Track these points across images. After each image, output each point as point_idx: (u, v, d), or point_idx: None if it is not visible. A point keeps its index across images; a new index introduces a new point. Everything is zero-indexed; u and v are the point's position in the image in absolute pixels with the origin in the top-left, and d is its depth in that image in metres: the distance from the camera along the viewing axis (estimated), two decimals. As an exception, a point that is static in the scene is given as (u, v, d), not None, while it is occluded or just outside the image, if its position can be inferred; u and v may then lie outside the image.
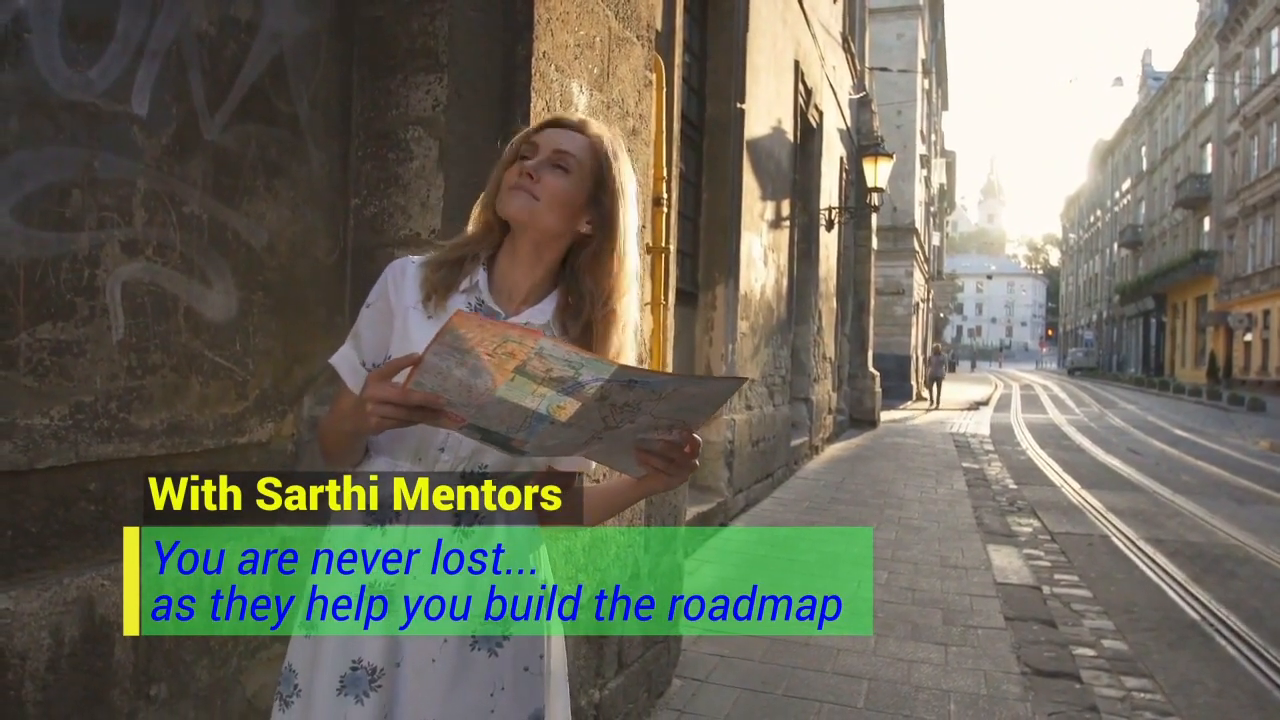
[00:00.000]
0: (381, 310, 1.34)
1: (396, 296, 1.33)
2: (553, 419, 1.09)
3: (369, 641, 1.27)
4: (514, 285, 1.37)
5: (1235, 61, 36.45)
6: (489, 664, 1.31)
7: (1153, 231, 49.96)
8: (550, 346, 1.05)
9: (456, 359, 1.06)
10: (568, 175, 1.32)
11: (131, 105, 1.70)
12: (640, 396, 1.09)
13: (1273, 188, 32.27)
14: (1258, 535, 7.66)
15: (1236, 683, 4.24)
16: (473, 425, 1.14)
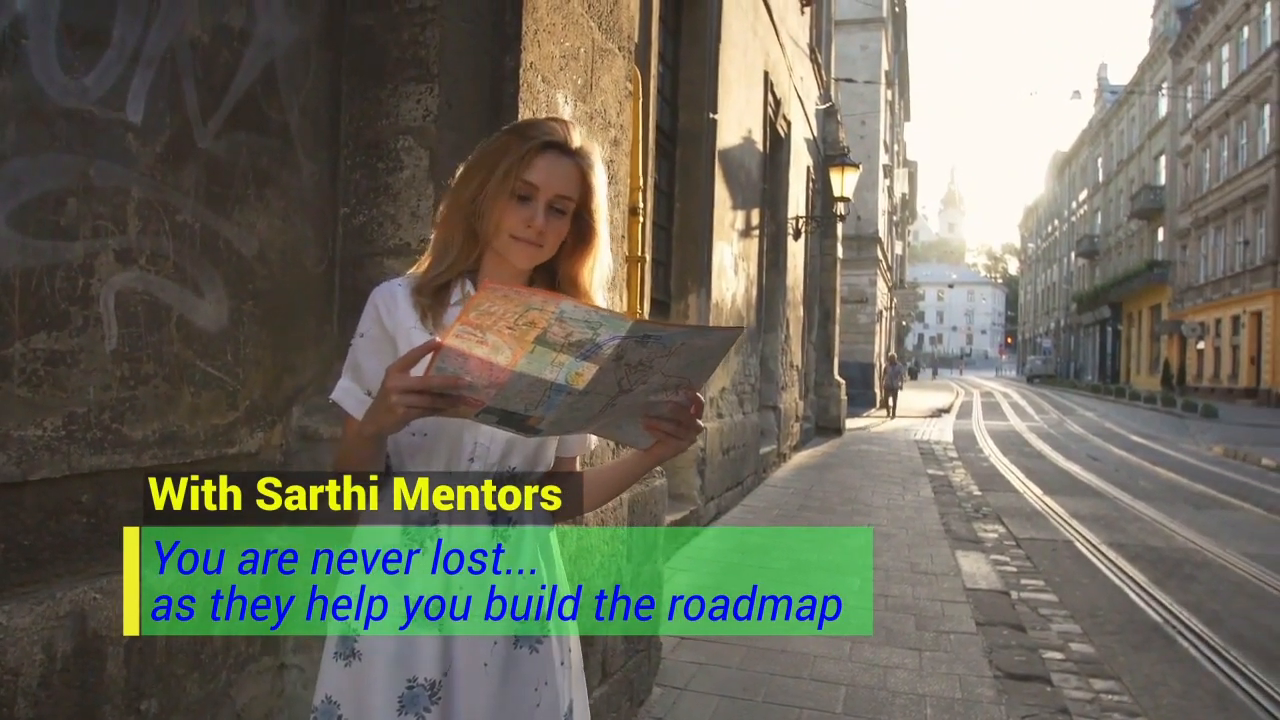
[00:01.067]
0: (377, 338, 1.34)
1: (392, 320, 1.34)
2: (570, 388, 1.09)
3: (422, 656, 1.29)
4: None
5: (1188, 76, 37.44)
6: (532, 661, 1.36)
7: (1109, 241, 51.08)
8: (571, 308, 1.06)
9: (478, 337, 1.07)
10: (564, 215, 1.35)
11: (126, 112, 1.69)
12: (653, 354, 1.10)
13: (1224, 199, 33.17)
14: (1215, 539, 7.85)
15: (1200, 683, 4.35)
16: (490, 409, 1.13)
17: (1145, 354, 43.39)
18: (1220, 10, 33.92)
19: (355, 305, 2.24)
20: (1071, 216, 63.34)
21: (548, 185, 1.32)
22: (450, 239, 1.37)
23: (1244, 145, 31.85)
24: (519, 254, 1.35)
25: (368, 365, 1.34)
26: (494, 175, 1.32)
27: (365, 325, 1.36)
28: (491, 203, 1.32)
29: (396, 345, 1.32)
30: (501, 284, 1.12)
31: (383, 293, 1.37)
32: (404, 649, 1.28)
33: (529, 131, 1.34)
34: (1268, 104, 29.59)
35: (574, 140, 1.35)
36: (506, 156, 1.31)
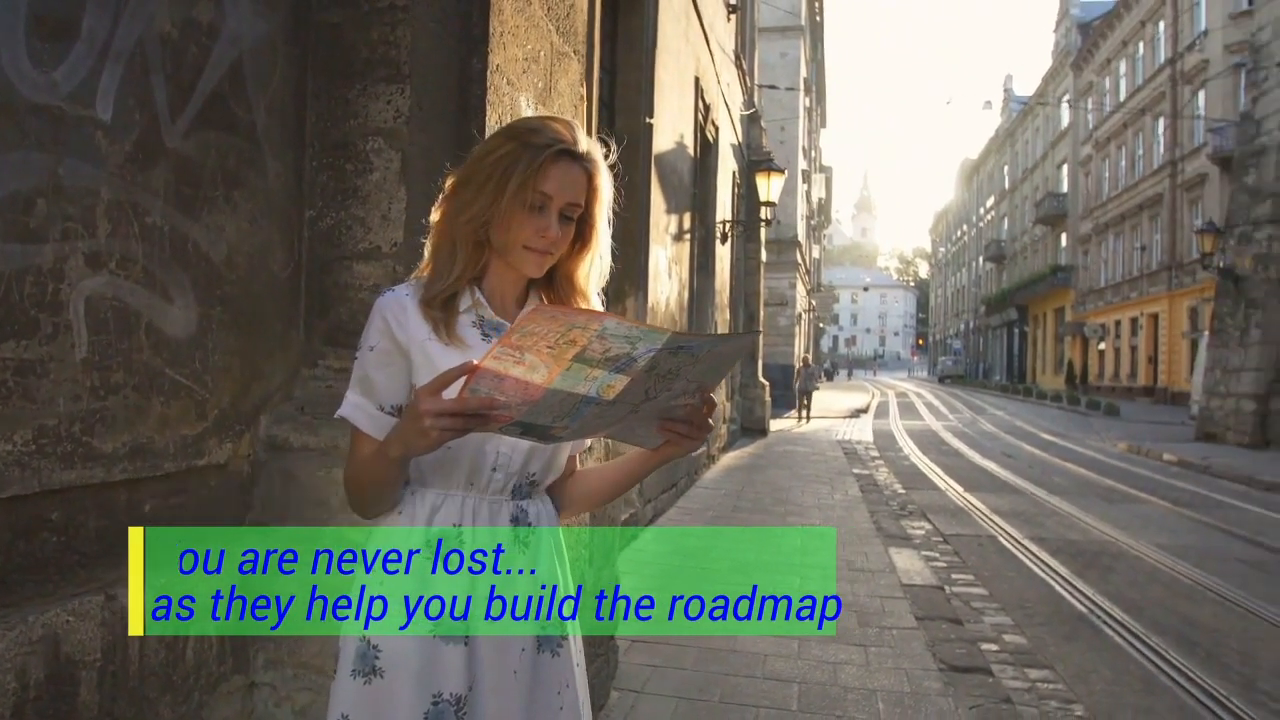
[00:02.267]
0: (388, 350, 1.30)
1: (404, 333, 1.30)
2: (600, 399, 1.09)
3: (447, 670, 1.26)
4: (504, 295, 1.39)
5: (1088, 89, 39.24)
6: (554, 665, 1.36)
7: (1015, 246, 53.12)
8: (613, 326, 1.06)
9: (515, 358, 1.06)
10: (572, 221, 1.35)
11: (96, 109, 1.61)
12: (682, 362, 1.10)
13: (1122, 207, 34.85)
14: (1127, 531, 8.24)
15: (1127, 669, 4.56)
16: (515, 422, 1.12)
17: (1050, 354, 45.27)
18: (1118, 27, 35.66)
19: (322, 310, 2.19)
20: (980, 222, 65.67)
21: (560, 194, 1.31)
22: (454, 249, 1.34)
23: (1140, 156, 33.54)
24: (531, 264, 1.34)
25: (379, 379, 1.30)
26: (508, 187, 1.28)
27: (374, 338, 1.30)
28: (507, 216, 1.30)
29: (410, 357, 1.29)
30: (546, 308, 1.11)
31: (390, 304, 1.31)
32: (428, 664, 1.26)
33: (535, 138, 1.31)
34: (1162, 117, 31.23)
35: (581, 144, 1.34)
36: (518, 166, 1.28)
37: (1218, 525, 8.83)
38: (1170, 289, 30.05)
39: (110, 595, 1.61)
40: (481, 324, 1.35)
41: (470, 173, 1.33)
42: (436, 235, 1.37)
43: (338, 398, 2.15)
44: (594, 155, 1.35)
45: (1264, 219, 15.70)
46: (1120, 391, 33.48)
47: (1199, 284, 26.65)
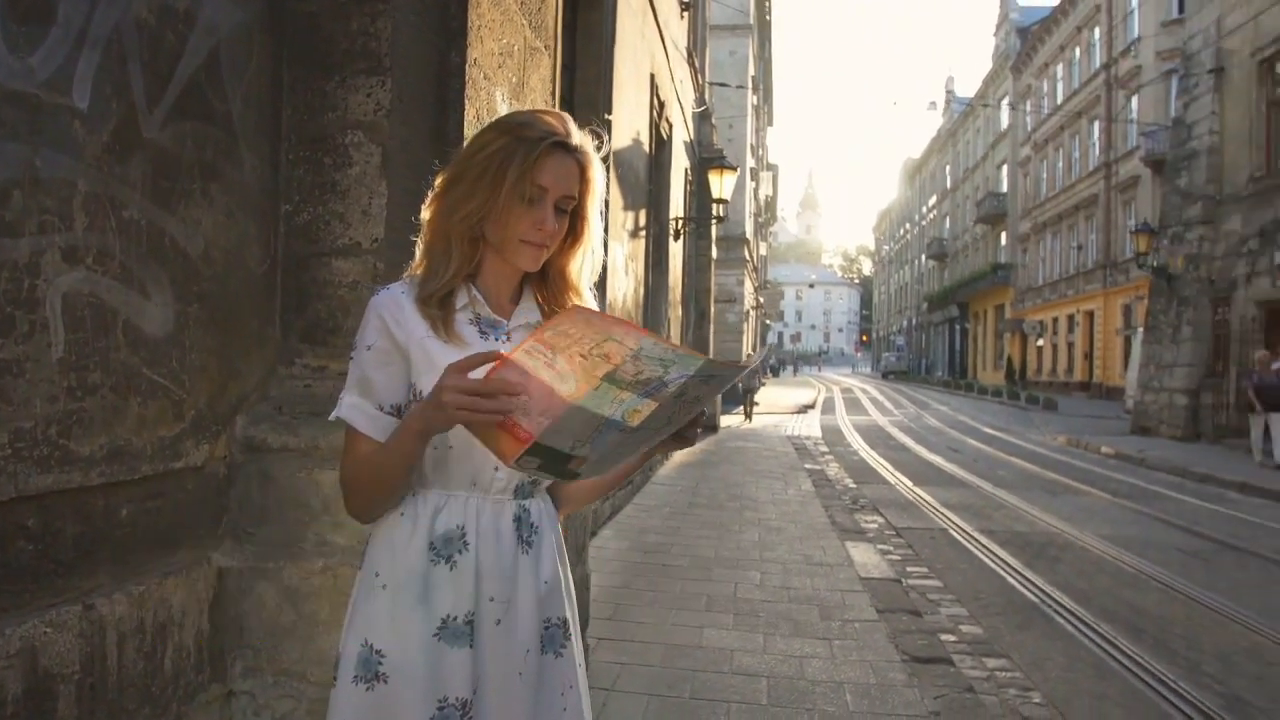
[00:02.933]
0: (386, 350, 1.28)
1: (402, 331, 1.28)
2: (625, 425, 1.07)
3: (453, 674, 1.24)
4: (500, 291, 1.38)
5: (1027, 92, 40.21)
6: (557, 665, 1.35)
7: (956, 245, 54.23)
8: (650, 345, 1.04)
9: (547, 359, 1.03)
10: (566, 214, 1.34)
11: (73, 97, 1.54)
12: (711, 389, 1.10)
13: (1059, 207, 35.81)
14: (1071, 523, 8.48)
15: (1080, 656, 4.68)
16: (533, 451, 1.09)
17: (990, 350, 46.33)
18: (1055, 32, 36.59)
19: (299, 307, 2.14)
20: (922, 220, 66.89)
21: (556, 186, 1.30)
22: (449, 246, 1.32)
23: (1077, 158, 34.48)
24: (528, 257, 1.33)
25: (378, 379, 1.28)
26: (504, 181, 1.27)
27: (371, 337, 1.28)
28: (504, 210, 1.28)
29: (409, 356, 1.27)
30: (585, 309, 1.11)
31: (387, 303, 1.30)
32: (434, 668, 1.24)
33: (529, 131, 1.30)
34: (1097, 120, 32.14)
35: (574, 136, 1.33)
36: (514, 159, 1.27)
37: (1156, 516, 9.12)
38: (1105, 287, 30.96)
39: (88, 605, 1.55)
40: (478, 321, 1.34)
41: (462, 169, 1.32)
42: (429, 233, 1.35)
43: (316, 397, 2.11)
44: (586, 148, 1.35)
45: (1195, 220, 16.27)
46: (1058, 386, 34.42)
47: (1132, 282, 27.51)
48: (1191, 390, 16.01)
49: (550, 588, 1.36)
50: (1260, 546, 7.69)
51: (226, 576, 1.94)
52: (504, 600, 1.30)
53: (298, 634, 1.94)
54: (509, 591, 1.31)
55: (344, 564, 1.94)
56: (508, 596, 1.31)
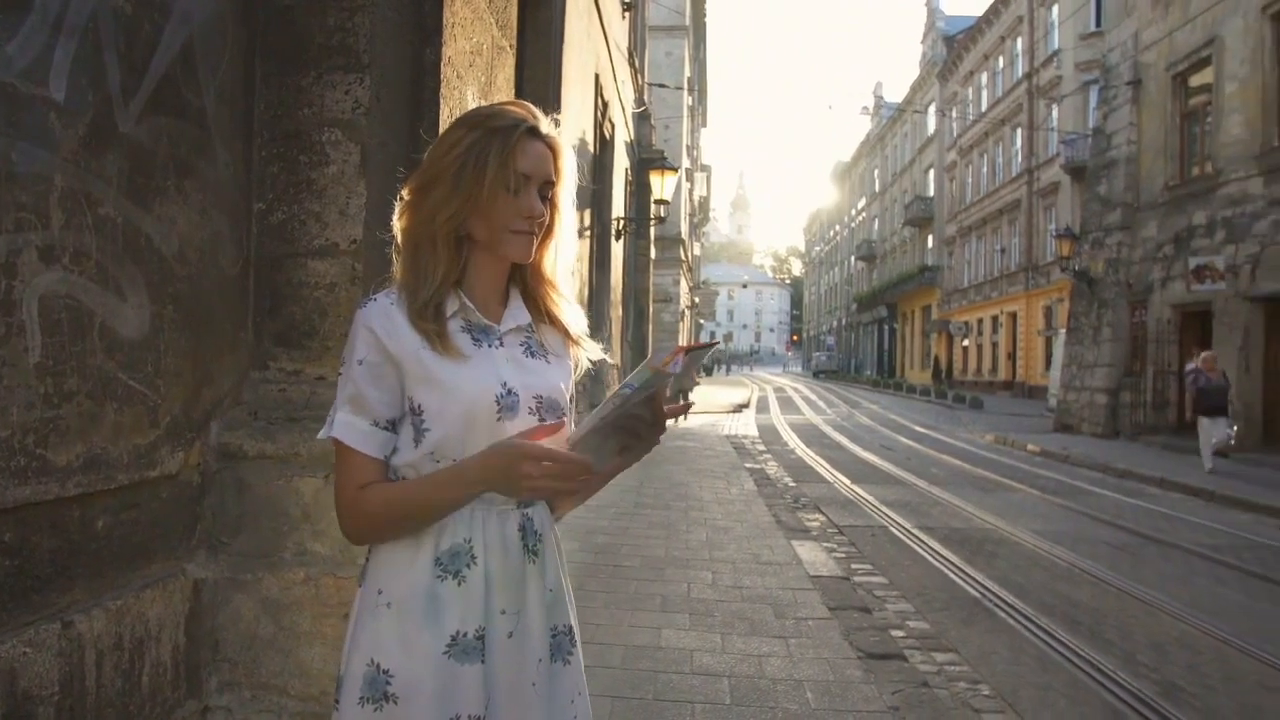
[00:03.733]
0: (378, 363, 1.24)
1: (395, 343, 1.24)
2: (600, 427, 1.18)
3: (465, 691, 1.21)
4: (488, 294, 1.35)
5: (953, 99, 41.33)
6: (566, 673, 1.34)
7: (885, 246, 55.44)
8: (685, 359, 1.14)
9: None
10: (547, 201, 1.32)
11: (50, 88, 1.47)
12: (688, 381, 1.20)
13: (983, 211, 36.89)
14: (1004, 519, 8.73)
15: (1023, 649, 4.83)
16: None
17: (918, 350, 47.50)
18: (980, 41, 37.69)
19: (273, 309, 2.07)
20: (851, 222, 68.20)
21: (537, 171, 1.29)
22: (434, 252, 1.28)
23: (1000, 164, 35.58)
24: (520, 248, 1.30)
25: (371, 394, 1.24)
26: (486, 173, 1.25)
27: (361, 351, 1.23)
28: (489, 203, 1.26)
29: (401, 368, 1.24)
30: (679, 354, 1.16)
31: (377, 315, 1.25)
32: (445, 686, 1.21)
33: (499, 121, 1.28)
34: (1020, 128, 33.21)
35: (543, 123, 1.32)
36: (491, 150, 1.25)
37: (1084, 511, 9.46)
38: (1028, 289, 32.01)
39: (66, 622, 1.48)
40: (470, 329, 1.31)
41: (438, 170, 1.28)
42: (410, 242, 1.30)
43: (292, 402, 2.05)
44: (555, 135, 1.34)
45: (1114, 226, 16.94)
46: (982, 385, 35.45)
47: (1053, 285, 28.51)
48: (1111, 389, 16.67)
49: (555, 595, 1.34)
50: (1180, 539, 8.03)
51: (202, 589, 1.87)
52: (515, 611, 1.28)
53: (278, 646, 1.88)
54: (519, 602, 1.29)
55: (326, 574, 1.89)
56: (518, 607, 1.29)
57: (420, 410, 1.24)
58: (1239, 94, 13.98)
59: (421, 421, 1.24)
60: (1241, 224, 13.61)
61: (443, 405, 1.24)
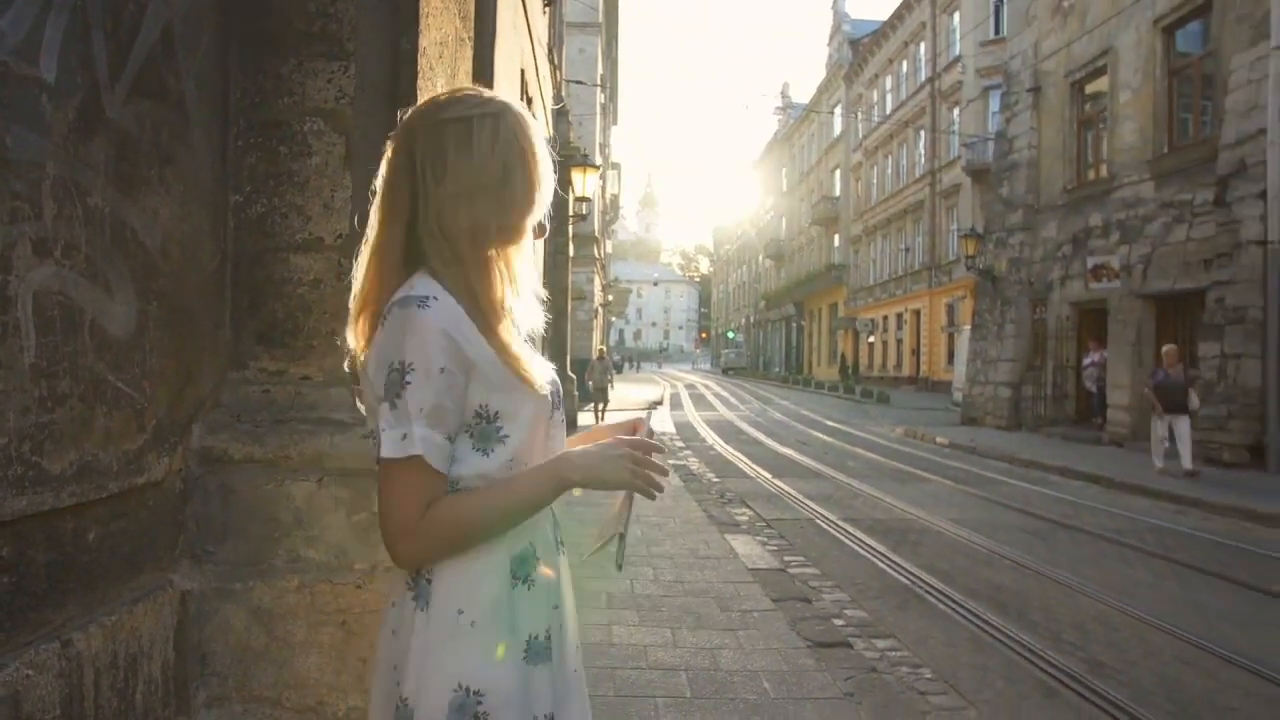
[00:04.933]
0: (454, 372, 1.16)
1: (473, 349, 1.18)
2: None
3: (539, 695, 1.21)
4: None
5: (859, 100, 42.45)
6: (580, 655, 1.37)
7: (793, 245, 56.58)
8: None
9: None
10: None
11: (40, 68, 1.37)
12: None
13: (888, 211, 38.04)
14: (923, 508, 9.03)
15: (957, 633, 5.01)
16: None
17: (825, 347, 48.66)
18: (885, 45, 38.82)
19: (253, 306, 1.99)
20: (760, 221, 69.32)
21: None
22: (489, 252, 1.25)
23: (904, 165, 36.75)
24: (530, 241, 1.31)
25: (450, 406, 1.16)
26: (536, 162, 1.24)
27: (440, 359, 1.14)
28: (540, 187, 1.26)
29: (477, 375, 1.18)
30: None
31: (451, 319, 1.17)
32: (526, 691, 1.19)
33: (491, 105, 1.24)
34: (923, 130, 34.35)
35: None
36: (520, 136, 1.23)
37: (996, 500, 9.87)
38: (931, 287, 33.16)
39: (65, 641, 1.39)
40: (519, 329, 1.28)
41: (503, 162, 1.22)
42: (470, 242, 1.22)
43: (277, 403, 1.97)
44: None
45: (1016, 227, 17.71)
46: (888, 381, 36.56)
47: (955, 283, 29.61)
48: (1014, 383, 17.42)
49: (572, 600, 1.36)
50: (1086, 524, 8.46)
51: (188, 600, 1.78)
52: (561, 606, 1.30)
53: (270, 657, 1.81)
54: (563, 596, 1.31)
55: (321, 580, 1.82)
56: (562, 601, 1.30)
57: (496, 417, 1.20)
58: (1132, 102, 14.78)
59: (499, 429, 1.20)
60: (1134, 226, 14.40)
61: (518, 408, 1.22)
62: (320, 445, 1.84)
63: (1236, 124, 12.33)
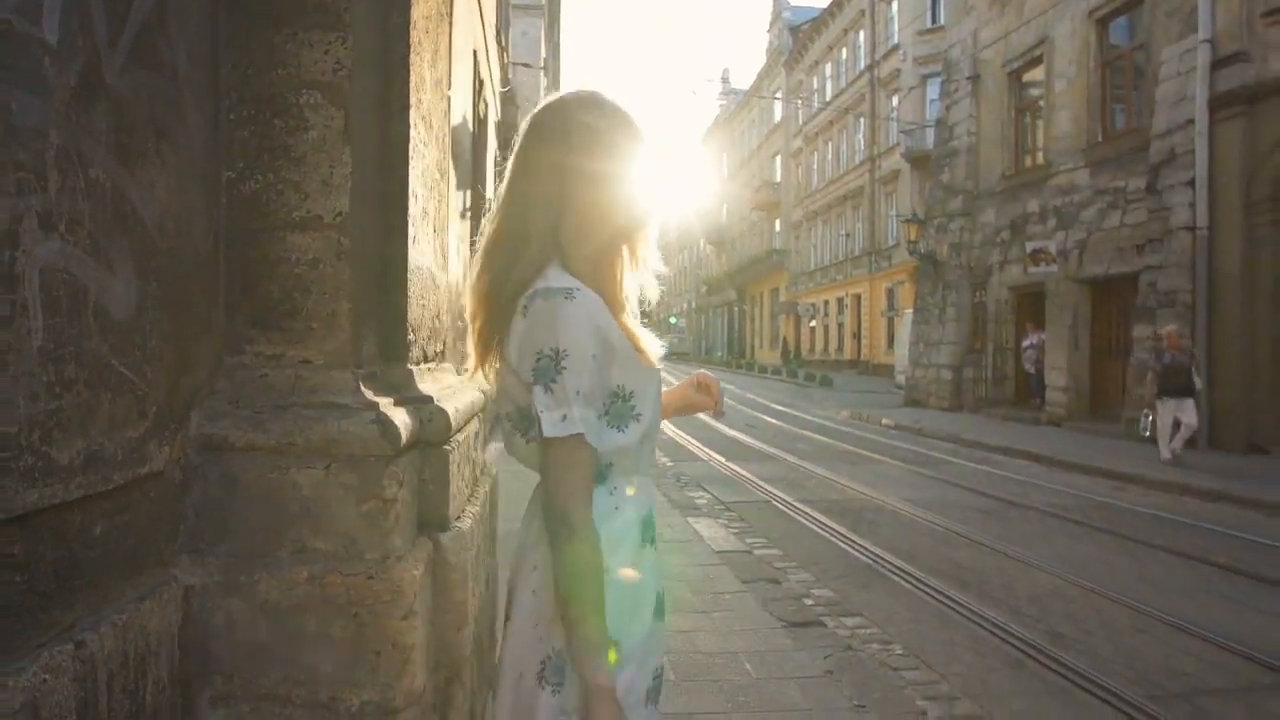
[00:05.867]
0: (602, 356, 1.28)
1: (614, 334, 1.30)
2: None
3: (658, 646, 1.40)
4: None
5: (799, 87, 42.79)
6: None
7: (734, 231, 56.91)
8: None
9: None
10: None
11: (43, 28, 1.27)
12: None
13: (828, 197, 38.50)
14: (876, 489, 9.19)
15: (921, 609, 5.11)
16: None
17: (767, 331, 49.13)
18: (824, 33, 39.17)
19: (247, 287, 1.91)
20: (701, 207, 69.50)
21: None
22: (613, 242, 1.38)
23: (844, 151, 37.20)
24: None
25: (599, 388, 1.28)
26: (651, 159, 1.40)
27: (592, 345, 1.25)
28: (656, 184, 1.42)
29: (617, 358, 1.30)
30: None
31: (598, 309, 1.29)
32: (650, 643, 1.36)
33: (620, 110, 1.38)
34: (862, 117, 34.80)
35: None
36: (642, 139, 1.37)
37: (946, 480, 10.09)
38: (871, 272, 33.69)
39: (79, 643, 1.30)
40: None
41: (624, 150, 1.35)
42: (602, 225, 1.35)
43: (276, 388, 1.89)
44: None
45: (956, 212, 18.08)
46: (830, 364, 37.10)
47: (895, 267, 30.13)
48: (955, 366, 17.82)
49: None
50: (1033, 502, 8.71)
51: (191, 596, 1.70)
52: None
53: (279, 653, 1.73)
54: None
55: (331, 571, 1.75)
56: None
57: (630, 395, 1.31)
58: (1068, 92, 15.17)
59: (632, 408, 1.31)
60: (1070, 212, 14.81)
61: (646, 386, 1.34)
62: (328, 431, 1.77)
63: (1167, 114, 12.74)
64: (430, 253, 2.71)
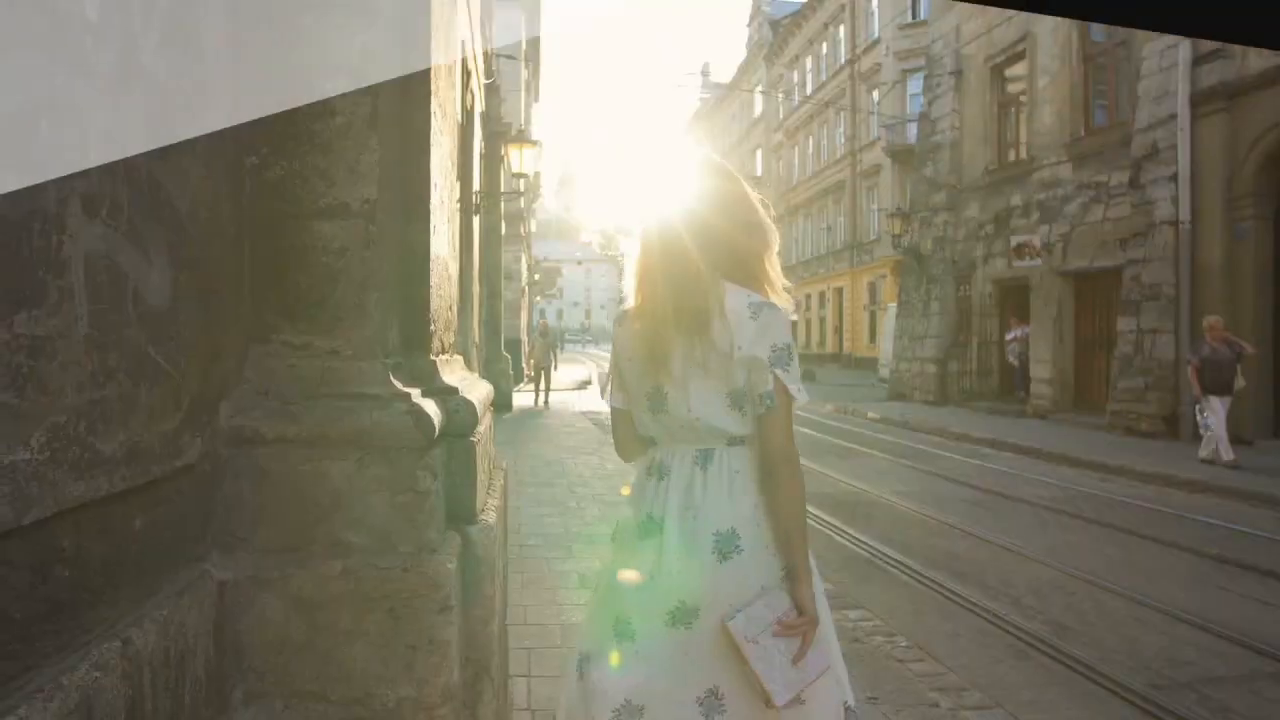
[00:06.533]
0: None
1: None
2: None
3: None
4: None
5: (779, 81, 42.80)
6: None
7: (716, 226, 56.74)
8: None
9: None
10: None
11: (85, 5, 1.23)
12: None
13: (810, 191, 38.56)
14: (868, 482, 9.22)
15: (923, 602, 5.12)
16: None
17: (749, 326, 49.08)
18: (805, 27, 39.18)
19: (275, 277, 1.87)
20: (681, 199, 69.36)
21: None
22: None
23: (825, 145, 37.26)
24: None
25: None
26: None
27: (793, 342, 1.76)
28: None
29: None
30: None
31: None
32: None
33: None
34: (843, 111, 34.85)
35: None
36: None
37: (936, 472, 10.13)
38: (853, 266, 33.79)
39: (125, 640, 1.27)
40: None
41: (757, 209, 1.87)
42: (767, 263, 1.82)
43: (305, 379, 1.85)
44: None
45: (940, 206, 18.16)
46: (812, 358, 37.15)
47: (877, 261, 30.24)
48: (940, 359, 17.91)
49: None
50: (1024, 494, 8.76)
51: (224, 591, 1.66)
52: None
53: (314, 649, 1.70)
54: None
55: (366, 565, 1.72)
56: None
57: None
58: (1050, 87, 15.26)
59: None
60: (1053, 206, 14.91)
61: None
62: (360, 422, 1.73)
63: (1149, 109, 12.84)
64: (446, 242, 2.67)
